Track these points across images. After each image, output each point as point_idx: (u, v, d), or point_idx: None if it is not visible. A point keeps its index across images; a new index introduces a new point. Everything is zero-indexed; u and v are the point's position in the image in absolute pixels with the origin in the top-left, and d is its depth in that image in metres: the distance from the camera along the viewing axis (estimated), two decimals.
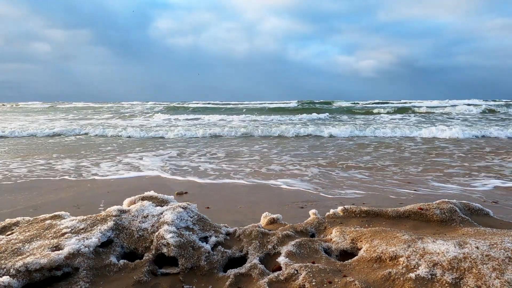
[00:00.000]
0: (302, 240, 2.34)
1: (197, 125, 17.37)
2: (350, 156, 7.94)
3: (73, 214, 2.63)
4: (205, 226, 2.47)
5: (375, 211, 2.77)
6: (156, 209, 2.54)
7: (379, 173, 5.99)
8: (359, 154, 8.20)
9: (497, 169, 6.24)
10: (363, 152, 8.61)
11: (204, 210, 3.84)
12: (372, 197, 4.49)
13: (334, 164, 6.85)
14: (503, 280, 1.68)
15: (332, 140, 11.12)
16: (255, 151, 8.74)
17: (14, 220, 2.49)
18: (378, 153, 8.41)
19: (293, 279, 1.90)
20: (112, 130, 14.07)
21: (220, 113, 26.48)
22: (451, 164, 6.77)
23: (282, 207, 4.08)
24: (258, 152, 8.58)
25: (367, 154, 8.17)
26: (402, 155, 8.11)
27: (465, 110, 24.24)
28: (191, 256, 2.14)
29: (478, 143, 9.96)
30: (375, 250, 2.10)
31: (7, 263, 1.90)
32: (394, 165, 6.70)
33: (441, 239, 2.09)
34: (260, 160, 7.48)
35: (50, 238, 2.19)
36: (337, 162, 7.12)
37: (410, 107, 27.21)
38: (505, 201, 4.31)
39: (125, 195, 3.07)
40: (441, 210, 2.68)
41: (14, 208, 4.09)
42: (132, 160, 7.46)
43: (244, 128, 13.91)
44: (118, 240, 2.28)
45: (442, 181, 5.39)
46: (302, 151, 8.88)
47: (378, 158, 7.56)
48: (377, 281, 1.84)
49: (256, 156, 8.03)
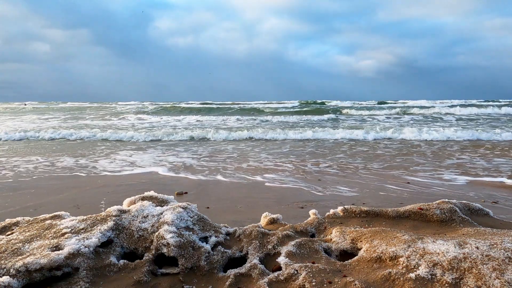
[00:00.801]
0: (302, 240, 2.34)
1: (158, 127, 16.85)
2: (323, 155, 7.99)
3: (73, 214, 2.63)
4: (205, 226, 2.47)
5: (375, 211, 2.77)
6: (156, 209, 2.54)
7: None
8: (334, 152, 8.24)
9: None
10: (339, 150, 8.73)
11: (204, 210, 3.84)
12: (369, 195, 4.49)
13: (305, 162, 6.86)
14: (503, 280, 1.68)
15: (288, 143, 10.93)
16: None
17: (14, 220, 2.49)
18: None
19: (293, 279, 1.90)
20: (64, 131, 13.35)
21: (208, 113, 25.88)
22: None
23: (282, 207, 4.08)
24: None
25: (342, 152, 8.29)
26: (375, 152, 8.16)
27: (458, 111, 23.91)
28: (191, 256, 2.14)
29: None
30: (375, 250, 2.10)
31: (7, 263, 1.90)
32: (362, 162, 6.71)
33: (441, 239, 2.09)
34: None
35: (50, 238, 2.19)
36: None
37: (398, 106, 27.01)
38: (505, 201, 4.31)
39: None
40: (441, 210, 2.68)
41: (14, 208, 4.09)
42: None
43: (191, 131, 13.51)
44: (118, 240, 2.28)
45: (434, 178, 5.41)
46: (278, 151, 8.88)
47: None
48: (377, 281, 1.84)
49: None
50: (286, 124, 17.91)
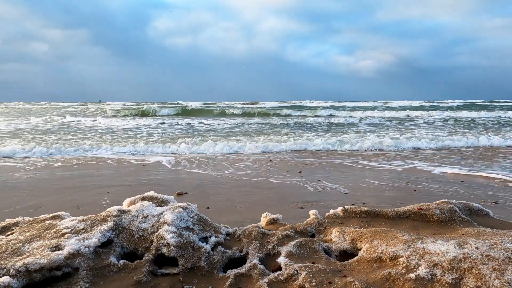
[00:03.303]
0: (302, 240, 2.34)
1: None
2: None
3: (73, 214, 2.63)
4: (205, 226, 2.47)
5: (375, 211, 2.78)
6: (156, 209, 2.54)
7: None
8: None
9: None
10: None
11: (204, 210, 3.84)
12: (369, 195, 4.49)
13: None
14: (503, 280, 1.68)
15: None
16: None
17: (14, 220, 2.49)
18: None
19: (293, 279, 1.90)
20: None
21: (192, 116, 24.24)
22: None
23: (282, 207, 4.08)
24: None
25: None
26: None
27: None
28: (191, 256, 2.14)
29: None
30: (375, 251, 2.10)
31: (7, 263, 1.90)
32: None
33: (441, 239, 2.09)
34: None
35: (50, 238, 2.19)
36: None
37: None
38: (505, 201, 4.31)
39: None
40: (441, 210, 2.68)
41: (14, 208, 4.09)
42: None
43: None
44: (118, 240, 2.28)
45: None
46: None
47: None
48: (377, 282, 1.84)
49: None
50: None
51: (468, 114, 23.84)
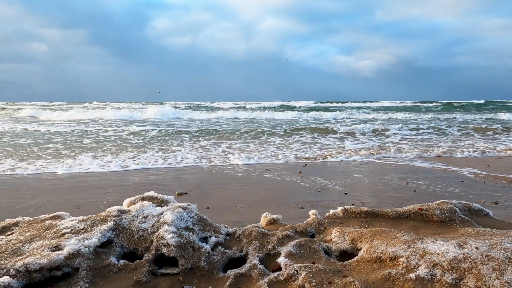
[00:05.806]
0: (302, 240, 2.34)
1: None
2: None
3: (73, 214, 2.63)
4: (205, 227, 2.47)
5: (375, 212, 2.78)
6: (156, 210, 2.54)
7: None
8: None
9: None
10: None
11: (204, 211, 3.84)
12: (369, 195, 4.49)
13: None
14: (503, 280, 1.68)
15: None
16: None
17: (14, 220, 2.49)
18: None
19: (293, 279, 1.90)
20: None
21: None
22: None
23: (282, 207, 4.08)
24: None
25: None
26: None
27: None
28: (191, 256, 2.14)
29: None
30: (375, 251, 2.10)
31: (7, 263, 1.90)
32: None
33: (441, 240, 2.09)
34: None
35: (50, 238, 2.19)
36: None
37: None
38: (505, 201, 4.31)
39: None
40: (441, 210, 2.68)
41: (14, 208, 4.09)
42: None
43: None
44: (118, 240, 2.28)
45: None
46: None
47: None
48: (377, 282, 1.84)
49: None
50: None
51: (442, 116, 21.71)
